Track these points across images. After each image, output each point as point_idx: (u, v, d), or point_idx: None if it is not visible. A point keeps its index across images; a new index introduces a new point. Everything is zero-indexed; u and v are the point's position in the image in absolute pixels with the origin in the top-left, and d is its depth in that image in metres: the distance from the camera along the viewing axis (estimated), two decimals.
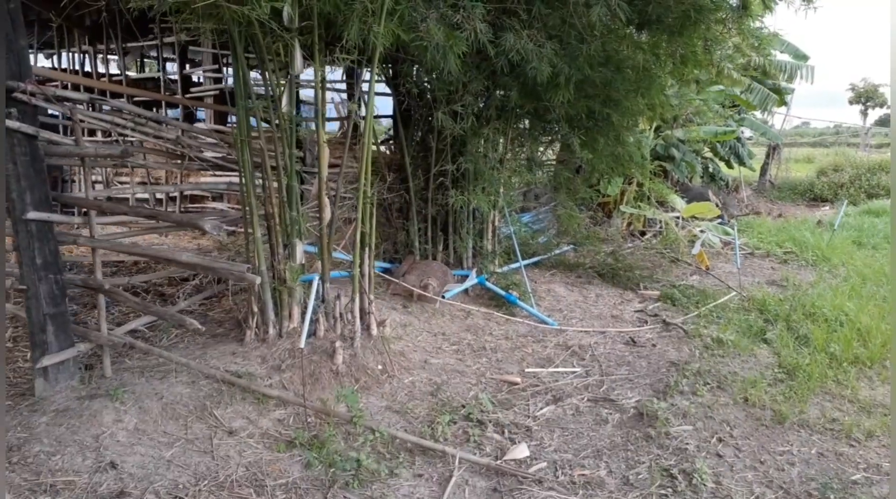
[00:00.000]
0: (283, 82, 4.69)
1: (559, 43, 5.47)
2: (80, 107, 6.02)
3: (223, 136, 6.32)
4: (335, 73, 8.98)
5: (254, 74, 6.79)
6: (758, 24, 5.77)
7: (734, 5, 5.36)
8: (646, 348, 5.56)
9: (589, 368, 5.08)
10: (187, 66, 10.81)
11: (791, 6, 5.05)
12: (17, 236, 3.68)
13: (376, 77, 5.65)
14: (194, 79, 11.73)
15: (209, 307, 5.59)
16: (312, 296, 4.31)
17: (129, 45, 10.50)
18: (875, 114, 52.40)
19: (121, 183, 9.33)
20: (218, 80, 9.85)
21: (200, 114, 11.60)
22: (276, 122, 4.56)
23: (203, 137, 6.14)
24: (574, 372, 4.99)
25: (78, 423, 3.42)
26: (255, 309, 4.54)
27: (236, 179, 7.60)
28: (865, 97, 51.57)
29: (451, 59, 4.55)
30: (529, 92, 6.20)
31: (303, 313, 4.61)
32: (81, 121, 4.02)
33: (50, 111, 6.23)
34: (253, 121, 4.64)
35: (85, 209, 4.02)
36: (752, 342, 5.57)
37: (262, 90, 5.10)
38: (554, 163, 9.16)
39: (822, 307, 6.37)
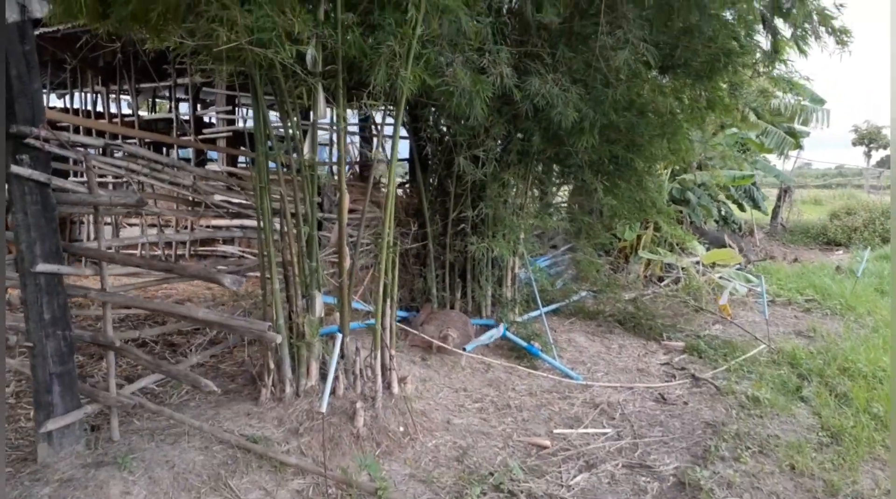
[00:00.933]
0: (304, 125, 4.54)
1: (584, 87, 5.35)
2: (91, 151, 5.89)
3: (240, 181, 6.16)
4: (353, 117, 8.88)
5: (271, 115, 6.69)
6: (785, 68, 5.63)
7: (765, 49, 5.23)
8: (677, 406, 5.29)
9: (620, 429, 4.81)
10: (198, 106, 10.75)
11: (825, 50, 4.91)
12: (24, 290, 3.47)
13: (393, 119, 5.52)
14: (205, 119, 11.67)
15: (220, 359, 5.35)
16: (336, 354, 4.06)
17: (142, 85, 10.46)
18: (877, 155, 52.82)
19: (130, 224, 9.17)
20: (231, 122, 9.76)
21: (212, 153, 11.51)
22: (297, 167, 4.39)
23: (217, 181, 5.98)
24: (605, 433, 4.71)
25: (83, 495, 3.16)
26: (272, 365, 4.30)
27: (248, 224, 7.49)
28: (868, 139, 51.92)
29: (477, 105, 4.40)
30: (552, 136, 6.06)
31: (321, 370, 4.38)
32: (97, 167, 3.85)
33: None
34: (272, 164, 4.47)
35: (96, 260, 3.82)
36: (788, 401, 5.30)
37: (280, 132, 4.96)
38: (568, 205, 9.00)
39: (857, 361, 6.11)
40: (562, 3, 4.76)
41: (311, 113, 4.21)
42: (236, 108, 10.74)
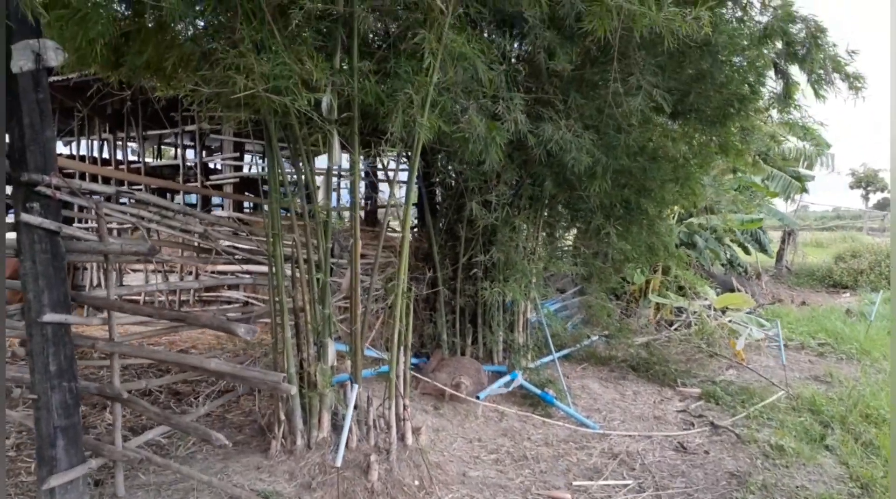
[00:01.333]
0: (317, 172, 4.50)
1: (596, 133, 5.33)
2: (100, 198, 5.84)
3: (250, 228, 6.09)
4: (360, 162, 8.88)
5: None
6: (799, 114, 5.61)
7: (778, 94, 5.23)
8: (698, 456, 5.12)
9: (641, 481, 4.63)
10: (203, 152, 10.77)
11: (839, 96, 4.89)
12: (30, 340, 3.37)
13: (404, 165, 5.49)
14: (211, 165, 11.70)
15: (227, 408, 5.19)
16: (351, 406, 3.93)
17: (149, 132, 10.50)
18: (875, 198, 53.21)
19: (133, 270, 9.09)
20: (238, 168, 9.77)
21: (216, 199, 11.50)
22: (311, 213, 4.33)
23: (226, 227, 5.92)
24: (626, 485, 4.54)
25: None
26: (282, 416, 4.16)
27: (255, 269, 7.41)
28: (866, 182, 52.32)
29: (492, 151, 4.36)
30: (563, 181, 6.03)
31: (333, 421, 4.24)
32: (107, 215, 3.78)
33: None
34: (282, 210, 4.42)
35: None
36: (813, 450, 5.14)
37: (291, 178, 4.92)
38: (575, 249, 8.92)
39: (879, 408, 5.97)
40: (574, 50, 4.76)
41: (327, 159, 4.18)
42: (244, 155, 10.76)
